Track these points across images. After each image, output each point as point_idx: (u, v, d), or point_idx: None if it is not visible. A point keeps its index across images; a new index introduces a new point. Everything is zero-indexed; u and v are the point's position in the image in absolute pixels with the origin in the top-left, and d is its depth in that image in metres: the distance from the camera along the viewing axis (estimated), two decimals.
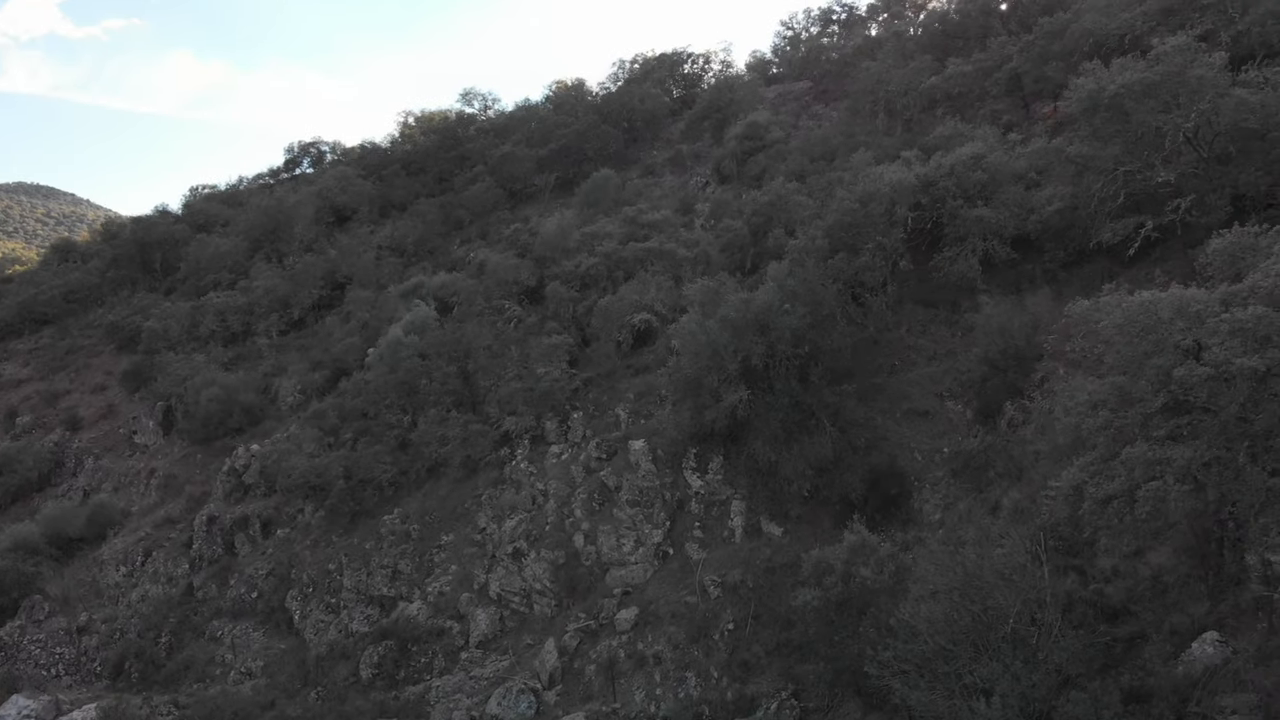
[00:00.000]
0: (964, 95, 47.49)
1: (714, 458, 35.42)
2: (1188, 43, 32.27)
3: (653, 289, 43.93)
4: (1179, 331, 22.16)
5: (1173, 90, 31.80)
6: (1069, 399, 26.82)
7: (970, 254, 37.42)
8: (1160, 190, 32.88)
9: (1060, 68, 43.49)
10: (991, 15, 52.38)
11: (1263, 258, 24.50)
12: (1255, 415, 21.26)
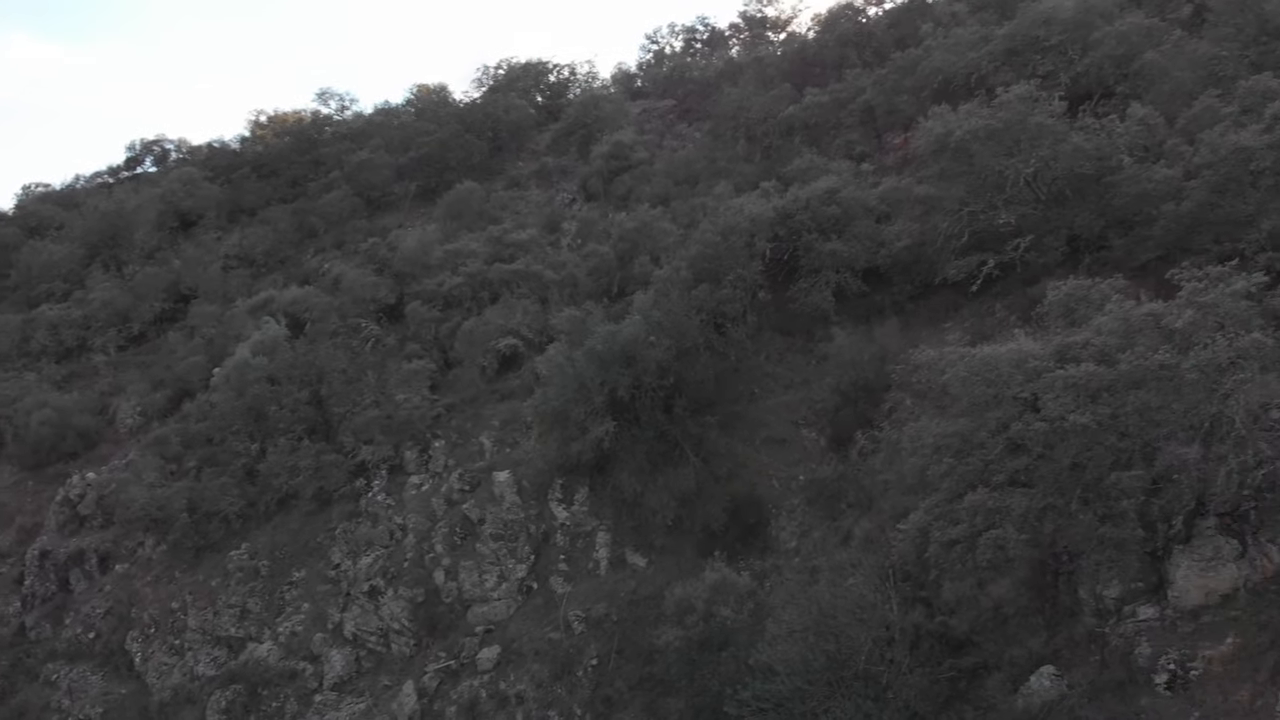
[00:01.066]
0: (820, 125, 48.83)
1: (580, 489, 35.35)
2: (1029, 91, 34.07)
3: (519, 313, 43.47)
4: (1017, 385, 23.33)
5: (1015, 136, 33.54)
6: (915, 439, 27.93)
7: (824, 286, 38.53)
8: (1001, 230, 34.60)
9: (910, 101, 45.23)
10: (847, 46, 54.02)
11: (1094, 309, 26.09)
12: (1087, 464, 22.62)
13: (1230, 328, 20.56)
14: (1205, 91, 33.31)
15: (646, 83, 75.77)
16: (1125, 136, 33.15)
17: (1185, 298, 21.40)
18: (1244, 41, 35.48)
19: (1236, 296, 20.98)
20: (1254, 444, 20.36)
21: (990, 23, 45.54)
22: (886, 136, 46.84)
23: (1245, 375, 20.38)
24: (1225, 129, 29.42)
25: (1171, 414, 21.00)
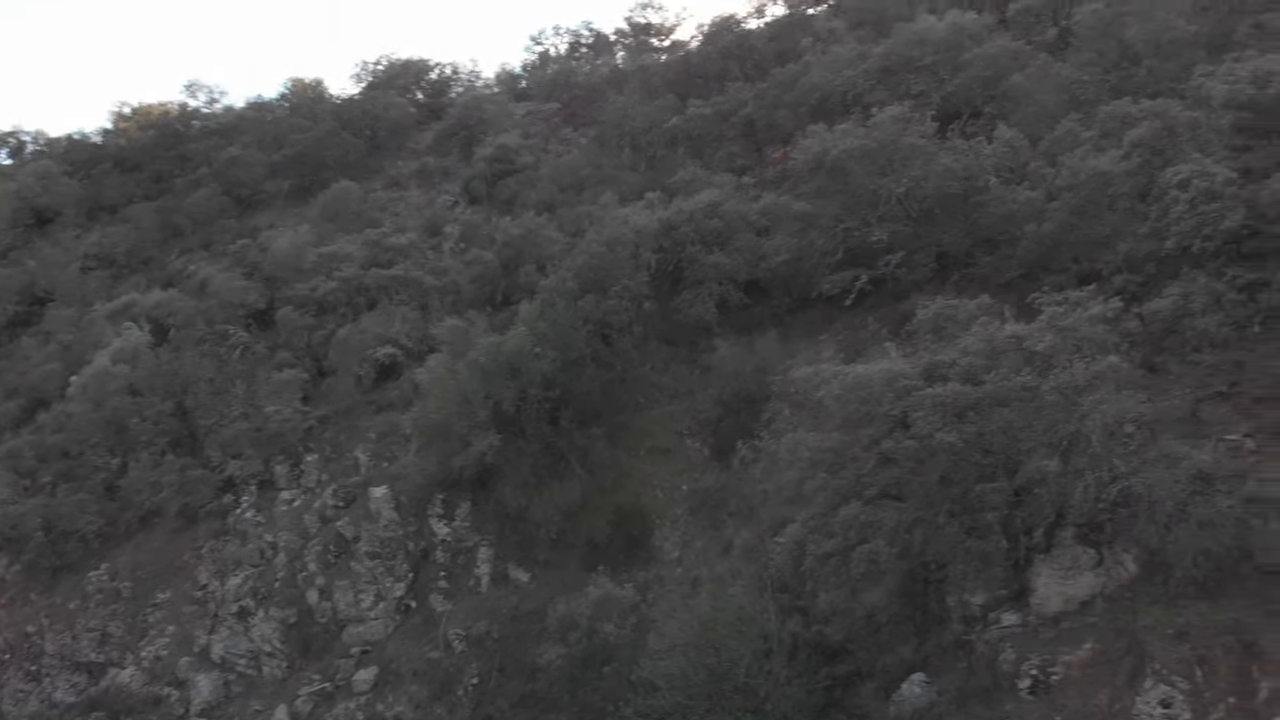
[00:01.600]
0: (703, 136, 49.34)
1: (461, 504, 34.79)
2: (902, 112, 35.08)
3: (398, 320, 42.46)
4: (888, 403, 24.00)
5: (888, 156, 34.56)
6: (792, 451, 28.45)
7: (708, 297, 38.87)
8: (874, 246, 35.62)
9: (790, 116, 46.11)
10: (729, 58, 54.72)
11: (961, 328, 27.07)
12: (954, 479, 23.44)
13: (1087, 350, 21.57)
14: (1067, 115, 34.92)
15: (531, 85, 75.04)
16: (992, 158, 34.49)
17: (1046, 321, 22.34)
18: (1105, 66, 37.36)
19: (1094, 321, 22.03)
20: (1109, 461, 21.39)
21: (867, 40, 46.81)
22: (767, 150, 47.64)
23: (1101, 396, 21.41)
24: (1085, 153, 30.89)
25: (1033, 432, 21.92)
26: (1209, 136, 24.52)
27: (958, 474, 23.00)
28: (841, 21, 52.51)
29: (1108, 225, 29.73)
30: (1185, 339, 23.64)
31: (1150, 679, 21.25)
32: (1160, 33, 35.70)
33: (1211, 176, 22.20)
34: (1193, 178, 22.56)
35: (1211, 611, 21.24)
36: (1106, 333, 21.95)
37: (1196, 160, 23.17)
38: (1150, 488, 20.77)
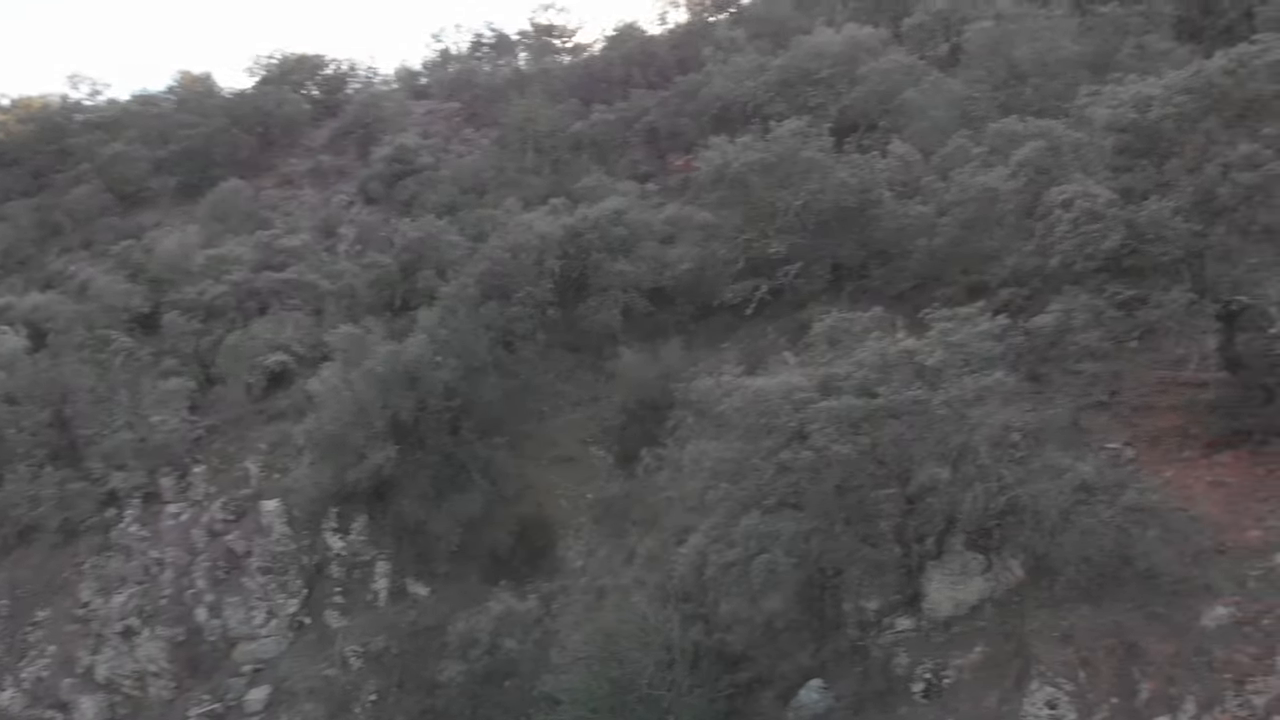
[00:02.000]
0: (607, 142, 49.33)
1: (357, 517, 34.00)
2: (800, 126, 35.69)
3: (290, 326, 41.26)
4: (786, 415, 24.36)
5: (786, 169, 35.07)
6: (695, 461, 28.65)
7: (613, 305, 38.89)
8: (774, 257, 36.15)
9: (692, 125, 46.48)
10: (632, 64, 54.83)
11: (856, 341, 27.68)
12: (849, 489, 23.95)
13: (975, 365, 22.27)
14: (958, 130, 35.97)
15: (431, 83, 73.87)
16: (886, 172, 35.33)
17: (936, 336, 22.97)
18: (994, 84, 38.63)
19: (981, 337, 22.74)
20: (996, 472, 22.12)
21: (766, 51, 47.40)
22: (670, 157, 47.94)
23: (989, 409, 22.12)
24: (974, 169, 31.87)
25: (924, 444, 22.51)
26: (1092, 158, 25.56)
27: (853, 484, 23.49)
28: (742, 31, 53.09)
29: (996, 240, 30.78)
30: (1067, 352, 24.59)
31: (1037, 681, 22.01)
32: (1046, 52, 37.12)
33: (1094, 197, 23.14)
34: (1076, 198, 23.48)
35: (1094, 615, 22.12)
36: (994, 348, 22.66)
37: (1080, 181, 24.14)
38: (1035, 498, 21.52)
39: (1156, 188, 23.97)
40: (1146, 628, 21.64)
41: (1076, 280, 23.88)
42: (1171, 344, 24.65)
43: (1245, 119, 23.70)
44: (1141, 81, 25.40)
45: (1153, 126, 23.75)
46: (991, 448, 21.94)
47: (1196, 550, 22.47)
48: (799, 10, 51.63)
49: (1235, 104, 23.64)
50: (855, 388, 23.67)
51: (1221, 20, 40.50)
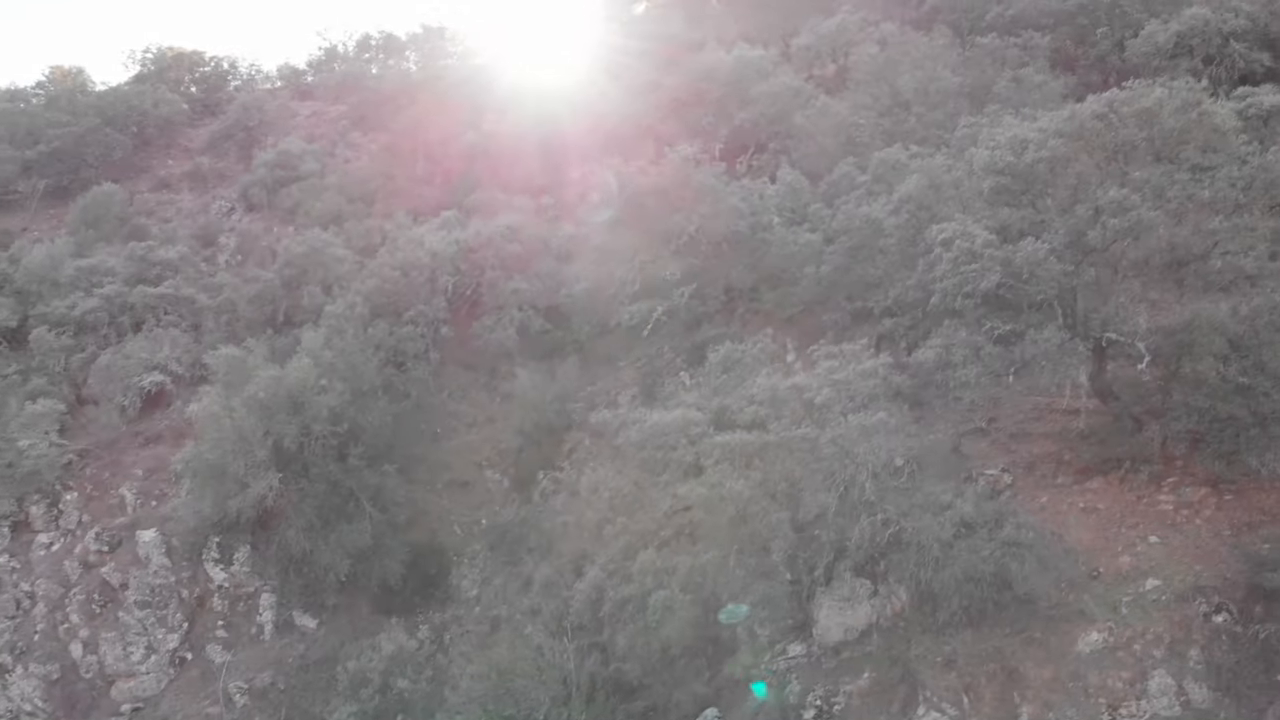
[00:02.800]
0: (500, 153, 48.71)
1: (241, 547, 32.86)
2: (694, 153, 36.03)
3: (167, 344, 39.55)
4: (683, 449, 24.59)
5: (681, 194, 35.31)
6: (593, 491, 28.67)
7: (508, 323, 38.55)
8: (669, 279, 36.34)
9: (588, 139, 46.26)
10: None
11: (748, 371, 28.09)
12: (743, 521, 24.29)
13: (860, 401, 22.83)
14: (845, 157, 36.78)
15: (317, 83, 71.84)
16: (775, 198, 35.88)
17: (823, 374, 23.46)
18: (879, 110, 39.59)
19: (865, 375, 23.33)
20: (882, 507, 22.73)
21: (660, 68, 47.56)
22: (566, 171, 47.64)
23: (873, 444, 22.72)
24: (860, 198, 32.64)
25: (814, 478, 22.98)
26: (971, 196, 26.41)
27: (746, 516, 23.82)
28: (634, 43, 53.10)
29: (880, 269, 31.53)
30: (948, 385, 25.38)
31: (923, 706, 22.75)
32: (929, 82, 38.22)
33: (972, 238, 23.90)
34: (955, 237, 24.22)
35: (976, 640, 22.98)
36: (877, 386, 23.27)
37: (959, 220, 24.90)
38: (918, 533, 22.18)
39: (1032, 226, 24.90)
40: (1026, 653, 22.61)
41: (956, 314, 24.62)
42: (1046, 375, 25.69)
43: (1115, 162, 24.82)
44: (1018, 122, 26.31)
45: (1028, 169, 24.66)
46: (876, 484, 22.50)
47: (1072, 577, 23.55)
48: (690, 25, 51.90)
49: (1106, 148, 24.74)
50: (748, 421, 24.05)
51: (1094, 50, 42.31)
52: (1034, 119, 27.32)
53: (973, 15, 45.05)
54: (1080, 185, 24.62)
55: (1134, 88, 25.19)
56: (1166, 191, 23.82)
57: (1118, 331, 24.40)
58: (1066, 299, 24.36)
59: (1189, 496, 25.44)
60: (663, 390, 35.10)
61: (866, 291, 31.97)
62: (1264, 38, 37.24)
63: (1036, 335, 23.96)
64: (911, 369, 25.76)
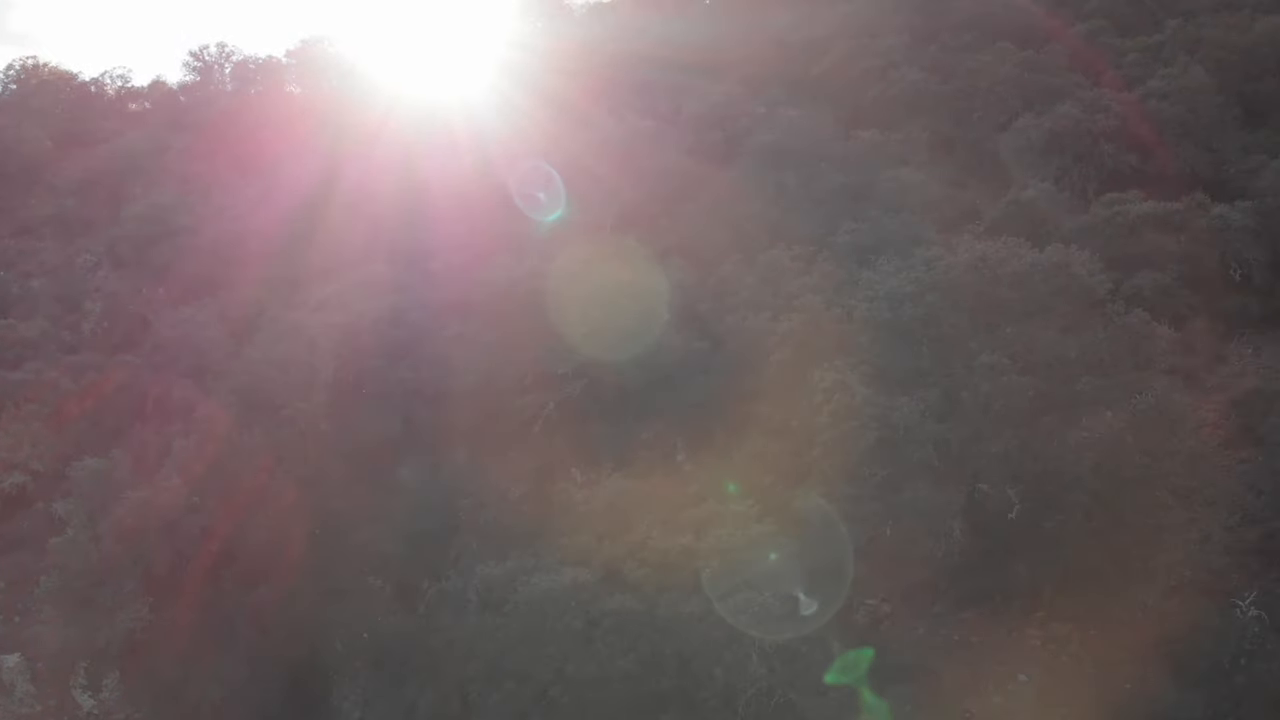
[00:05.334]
0: (387, 214, 47.26)
1: (109, 674, 31.30)
2: (588, 253, 35.68)
3: (27, 443, 37.31)
4: (571, 615, 24.42)
5: (574, 291, 34.97)
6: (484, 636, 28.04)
7: (392, 414, 37.53)
8: (562, 374, 36.01)
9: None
10: None
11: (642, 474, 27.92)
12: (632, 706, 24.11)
13: (747, 575, 23.06)
14: (733, 254, 36.91)
15: (190, 110, 68.42)
16: (665, 294, 35.74)
17: (715, 543, 23.64)
18: (766, 199, 39.80)
19: (753, 543, 23.58)
20: (768, 679, 23.07)
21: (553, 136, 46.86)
22: (457, 235, 46.40)
23: (763, 625, 22.96)
24: (745, 313, 33.09)
25: (704, 656, 23.11)
26: (853, 346, 26.79)
27: (633, 701, 23.73)
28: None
29: (765, 381, 31.83)
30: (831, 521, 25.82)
31: None
32: (811, 179, 38.70)
33: (852, 392, 24.30)
34: (836, 390, 24.60)
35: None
36: (764, 554, 23.53)
37: (839, 368, 25.27)
38: (805, 711, 22.52)
39: (908, 375, 25.47)
40: None
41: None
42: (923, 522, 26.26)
43: (988, 319, 25.53)
44: (893, 271, 26.68)
45: (905, 325, 25.16)
46: (764, 658, 22.77)
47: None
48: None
49: (981, 304, 25.41)
50: (637, 580, 23.96)
51: (971, 134, 43.47)
52: (911, 254, 27.86)
53: (857, 91, 45.77)
54: (956, 339, 25.29)
55: (1010, 244, 25.92)
56: (1036, 350, 24.69)
57: (989, 482, 25.23)
58: (941, 449, 25.01)
59: (1056, 632, 26.54)
60: (553, 488, 34.88)
61: (753, 403, 32.22)
62: (1133, 139, 38.87)
63: (913, 486, 24.60)
64: (796, 512, 26.03)
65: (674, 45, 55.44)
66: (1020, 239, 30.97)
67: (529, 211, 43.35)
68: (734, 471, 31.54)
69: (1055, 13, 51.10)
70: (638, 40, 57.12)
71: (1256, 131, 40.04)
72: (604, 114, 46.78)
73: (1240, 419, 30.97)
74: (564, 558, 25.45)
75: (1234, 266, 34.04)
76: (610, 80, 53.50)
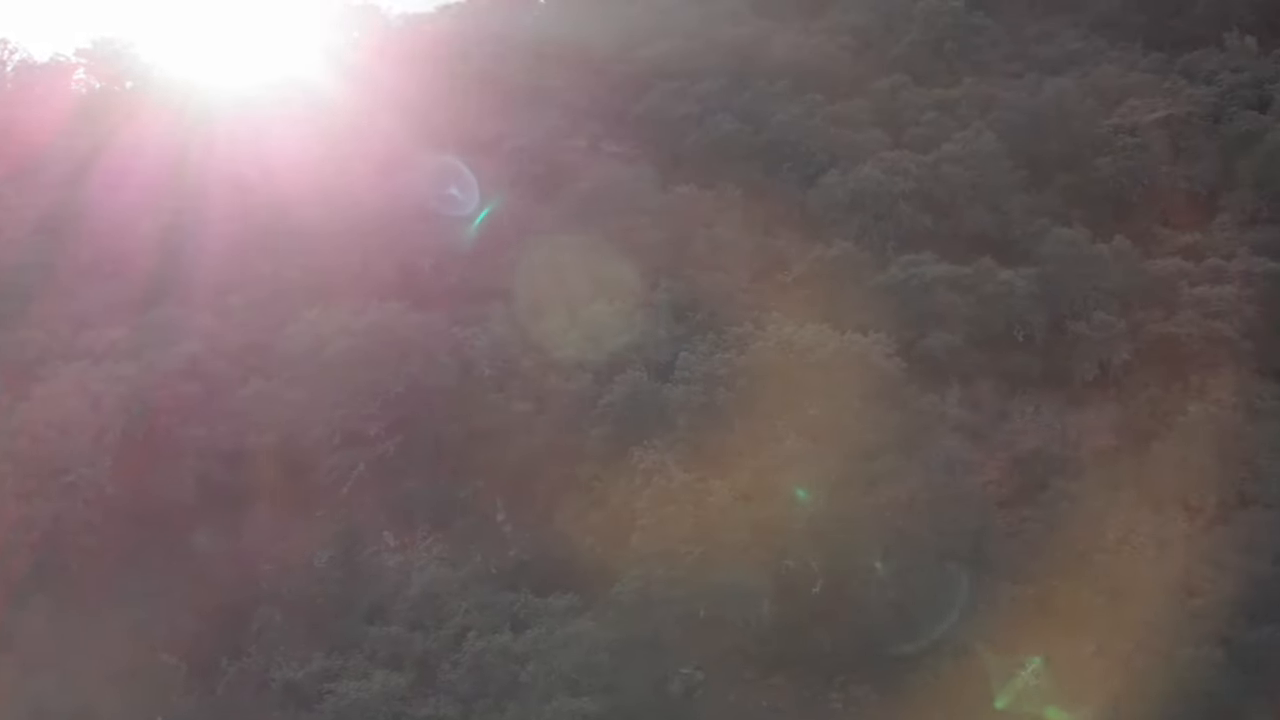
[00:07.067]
0: (183, 242, 43.93)
1: None
2: (399, 309, 34.72)
3: None
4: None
5: (385, 350, 34.10)
6: None
7: (186, 474, 35.46)
8: (372, 434, 35.12)
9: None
10: None
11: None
12: None
13: (565, 673, 23.03)
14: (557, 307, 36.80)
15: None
16: (487, 350, 35.25)
17: (530, 642, 23.46)
18: (588, 246, 39.43)
19: (567, 642, 23.54)
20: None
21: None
22: (261, 267, 43.71)
23: None
24: (569, 372, 32.95)
25: None
26: (671, 424, 27.18)
27: None
28: None
29: (587, 444, 31.95)
30: None
31: None
32: (629, 232, 38.92)
33: (670, 478, 24.67)
34: (655, 473, 24.92)
35: None
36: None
37: (659, 449, 25.61)
38: None
39: (726, 456, 26.13)
40: None
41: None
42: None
43: (794, 400, 26.53)
44: (710, 355, 27.27)
45: (719, 407, 25.80)
46: None
47: None
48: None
49: (788, 386, 26.38)
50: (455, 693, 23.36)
51: (781, 184, 44.80)
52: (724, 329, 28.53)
53: (675, 136, 46.45)
54: (766, 420, 26.13)
55: (818, 332, 26.99)
56: (839, 431, 25.85)
57: (794, 558, 26.25)
58: (753, 532, 25.83)
59: (855, 693, 27.97)
60: (363, 553, 33.87)
61: (577, 463, 32.18)
62: (928, 200, 41.10)
63: (725, 568, 25.20)
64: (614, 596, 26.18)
65: (497, 62, 54.40)
66: (828, 295, 32.61)
67: (335, 252, 41.46)
68: (554, 538, 31.63)
69: (861, 59, 53.45)
70: (459, 62, 55.63)
71: (1042, 193, 43.18)
72: (420, 141, 45.18)
73: (1021, 477, 33.63)
74: (375, 652, 24.56)
75: (1018, 328, 36.61)
76: (429, 102, 51.94)
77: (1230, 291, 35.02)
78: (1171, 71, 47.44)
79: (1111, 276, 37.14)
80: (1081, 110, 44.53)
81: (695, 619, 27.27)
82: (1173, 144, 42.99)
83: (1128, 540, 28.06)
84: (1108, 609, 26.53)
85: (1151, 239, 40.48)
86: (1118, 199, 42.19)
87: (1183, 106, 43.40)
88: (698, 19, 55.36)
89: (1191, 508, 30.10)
